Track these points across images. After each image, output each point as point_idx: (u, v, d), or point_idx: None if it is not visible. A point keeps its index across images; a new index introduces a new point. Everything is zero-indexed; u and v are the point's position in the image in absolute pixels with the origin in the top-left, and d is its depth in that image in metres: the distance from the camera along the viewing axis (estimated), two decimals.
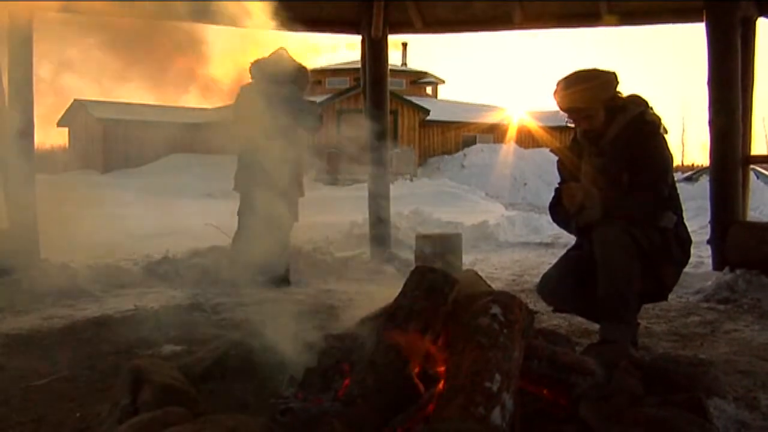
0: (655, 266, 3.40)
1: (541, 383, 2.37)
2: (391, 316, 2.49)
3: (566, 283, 3.61)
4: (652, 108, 3.54)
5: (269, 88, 5.14)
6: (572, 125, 3.65)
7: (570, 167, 3.66)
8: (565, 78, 3.50)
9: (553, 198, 3.76)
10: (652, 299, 3.71)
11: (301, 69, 5.66)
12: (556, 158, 3.81)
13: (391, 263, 6.60)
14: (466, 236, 8.49)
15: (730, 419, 2.47)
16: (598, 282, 3.38)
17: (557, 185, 3.78)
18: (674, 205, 3.48)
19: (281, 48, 5.65)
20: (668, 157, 3.48)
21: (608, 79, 3.49)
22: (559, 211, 3.69)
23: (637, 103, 3.53)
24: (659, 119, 3.54)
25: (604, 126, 3.47)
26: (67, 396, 2.87)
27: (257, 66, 5.56)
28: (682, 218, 3.51)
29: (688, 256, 3.56)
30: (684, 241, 3.48)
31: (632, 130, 3.42)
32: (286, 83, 5.49)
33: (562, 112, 3.62)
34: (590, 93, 3.44)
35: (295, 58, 5.67)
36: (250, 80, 5.55)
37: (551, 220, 3.91)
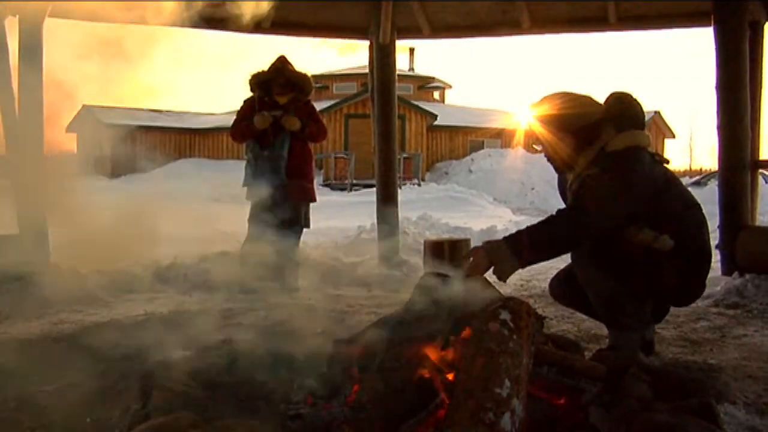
0: (651, 270, 3.20)
1: (550, 389, 2.36)
2: (400, 322, 2.50)
3: (575, 283, 3.59)
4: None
5: None
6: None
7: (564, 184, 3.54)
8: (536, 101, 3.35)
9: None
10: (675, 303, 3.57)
11: (302, 77, 5.68)
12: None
13: (399, 268, 6.59)
14: (475, 241, 8.45)
15: (741, 425, 2.47)
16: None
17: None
18: (667, 226, 3.17)
19: (281, 57, 5.66)
20: (613, 191, 3.07)
21: (578, 111, 3.21)
22: None
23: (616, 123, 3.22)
24: (632, 140, 3.19)
25: (573, 159, 3.28)
26: (78, 401, 2.87)
27: (257, 78, 5.60)
28: (690, 234, 3.25)
29: (700, 269, 3.30)
30: (689, 256, 3.23)
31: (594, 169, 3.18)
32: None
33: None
34: (549, 128, 3.25)
35: (295, 66, 5.69)
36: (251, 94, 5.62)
37: None
